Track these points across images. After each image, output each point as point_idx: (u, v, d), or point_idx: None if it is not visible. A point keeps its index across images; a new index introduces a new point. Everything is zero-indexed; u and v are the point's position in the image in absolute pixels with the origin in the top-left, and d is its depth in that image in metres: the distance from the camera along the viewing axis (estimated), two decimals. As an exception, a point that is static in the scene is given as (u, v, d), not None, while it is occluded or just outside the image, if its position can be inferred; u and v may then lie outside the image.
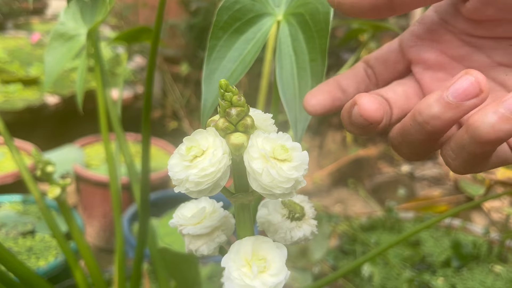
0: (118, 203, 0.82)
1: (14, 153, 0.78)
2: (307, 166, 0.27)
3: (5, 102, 1.66)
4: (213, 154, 0.25)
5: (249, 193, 0.29)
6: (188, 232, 0.31)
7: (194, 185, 0.25)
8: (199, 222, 0.31)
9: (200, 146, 0.26)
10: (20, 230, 1.16)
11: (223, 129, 0.26)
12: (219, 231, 0.32)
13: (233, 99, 0.26)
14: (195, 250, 0.32)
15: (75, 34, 0.66)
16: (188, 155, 0.26)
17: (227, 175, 0.26)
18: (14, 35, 2.51)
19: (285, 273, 0.28)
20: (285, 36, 0.42)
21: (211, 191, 0.26)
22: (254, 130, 0.27)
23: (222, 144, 0.26)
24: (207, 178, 0.25)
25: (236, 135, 0.26)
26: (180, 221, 0.32)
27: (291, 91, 0.39)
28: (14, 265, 0.55)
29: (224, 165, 0.26)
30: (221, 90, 0.26)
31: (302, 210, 0.33)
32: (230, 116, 0.26)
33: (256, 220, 0.33)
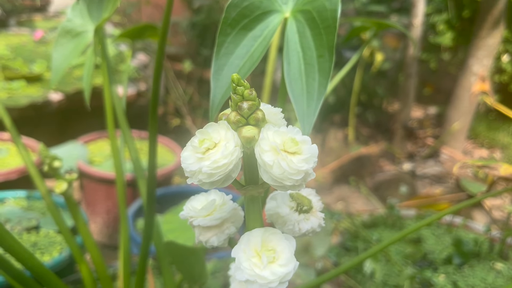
0: (124, 197, 0.83)
1: (21, 149, 0.79)
2: (317, 159, 0.27)
3: (8, 99, 1.67)
4: (225, 147, 0.26)
5: (259, 185, 0.30)
6: (198, 223, 0.32)
7: (206, 177, 0.26)
8: (209, 214, 0.32)
9: (212, 139, 0.27)
10: (25, 225, 1.16)
11: (235, 123, 0.27)
12: (229, 223, 0.32)
13: (245, 93, 0.27)
14: (205, 241, 0.32)
15: (82, 30, 0.67)
16: (201, 148, 0.26)
17: (239, 167, 0.27)
18: (17, 32, 2.52)
19: (294, 264, 0.29)
20: (293, 33, 0.42)
21: (223, 182, 0.27)
22: (265, 124, 0.28)
23: (234, 137, 0.27)
24: (220, 170, 0.26)
25: (247, 128, 0.27)
26: (190, 213, 0.32)
27: (298, 87, 0.40)
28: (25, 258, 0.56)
29: (236, 157, 0.26)
30: (233, 84, 0.27)
31: (310, 203, 0.33)
32: (242, 110, 0.27)
33: (265, 213, 0.33)
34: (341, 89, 2.36)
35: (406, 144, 2.14)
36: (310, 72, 0.40)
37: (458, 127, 1.99)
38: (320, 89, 0.39)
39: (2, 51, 2.11)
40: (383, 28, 0.85)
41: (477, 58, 1.92)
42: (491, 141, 2.35)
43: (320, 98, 0.39)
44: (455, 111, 2.01)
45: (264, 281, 0.28)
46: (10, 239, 0.53)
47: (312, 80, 0.40)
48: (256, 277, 0.28)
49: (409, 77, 1.98)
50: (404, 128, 2.06)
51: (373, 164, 2.01)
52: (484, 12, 1.87)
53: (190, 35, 2.47)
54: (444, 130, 2.07)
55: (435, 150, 2.06)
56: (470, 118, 2.01)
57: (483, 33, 1.88)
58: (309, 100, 0.39)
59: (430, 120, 2.51)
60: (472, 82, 1.91)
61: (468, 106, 1.96)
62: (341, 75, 0.80)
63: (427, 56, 2.73)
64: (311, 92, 0.39)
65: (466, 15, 2.37)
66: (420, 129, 2.36)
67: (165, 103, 2.24)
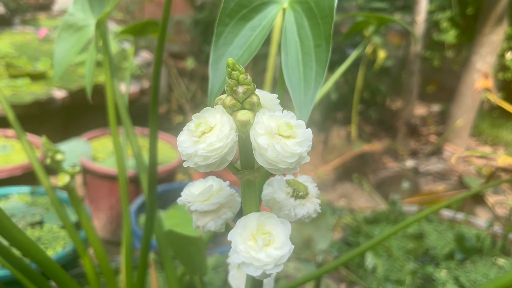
0: (126, 193, 0.83)
1: (26, 145, 0.79)
2: (311, 142, 0.28)
3: (13, 96, 1.68)
4: (220, 130, 0.27)
5: (255, 170, 0.30)
6: (195, 208, 0.32)
7: (202, 159, 0.27)
8: (207, 199, 0.32)
9: (208, 123, 0.27)
10: (29, 220, 1.17)
11: (230, 107, 0.27)
12: (226, 208, 0.33)
13: (240, 78, 0.27)
14: (203, 226, 0.33)
15: (84, 25, 0.67)
16: (197, 131, 0.27)
17: (234, 150, 0.28)
18: (21, 30, 2.53)
19: (289, 247, 0.29)
20: (291, 23, 0.43)
21: (218, 165, 0.27)
22: (260, 108, 0.28)
23: (229, 120, 0.27)
24: (215, 153, 0.27)
25: (242, 112, 0.27)
26: (188, 198, 0.33)
27: (296, 76, 0.40)
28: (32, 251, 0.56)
29: (231, 140, 0.27)
30: (228, 69, 0.27)
31: (306, 189, 0.34)
32: (237, 94, 0.27)
33: (262, 198, 0.34)
34: (344, 87, 2.36)
35: (409, 142, 2.13)
36: (308, 61, 0.41)
37: (461, 124, 1.99)
38: (317, 78, 0.40)
39: (7, 49, 2.12)
40: (384, 23, 0.85)
41: (480, 55, 1.91)
42: (494, 139, 2.34)
43: (317, 87, 0.39)
44: (458, 108, 2.01)
45: (260, 263, 0.29)
46: (17, 233, 0.53)
47: (309, 69, 0.40)
48: (251, 259, 0.29)
49: (412, 74, 1.98)
50: (407, 125, 2.06)
51: (376, 161, 2.01)
52: (487, 9, 1.87)
53: (193, 33, 2.47)
54: (447, 127, 2.07)
55: (438, 147, 2.05)
56: (473, 115, 2.01)
57: (486, 30, 1.88)
58: (306, 89, 0.39)
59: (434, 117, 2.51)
60: (475, 79, 1.91)
61: (471, 103, 1.96)
62: (341, 70, 0.80)
63: (430, 54, 2.72)
64: (308, 81, 0.40)
65: (469, 13, 2.37)
66: (423, 127, 2.36)
67: (168, 101, 2.25)
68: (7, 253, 0.56)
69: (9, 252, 0.57)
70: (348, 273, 1.10)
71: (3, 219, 0.50)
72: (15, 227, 0.53)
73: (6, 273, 0.98)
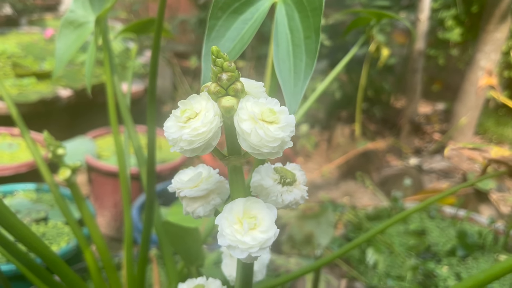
0: (127, 189, 0.85)
1: (29, 143, 0.81)
2: (294, 128, 0.29)
3: (19, 95, 1.70)
4: (205, 116, 0.27)
5: (241, 155, 0.31)
6: (185, 194, 0.33)
7: (187, 144, 0.27)
8: (196, 185, 0.33)
9: (193, 109, 0.28)
10: (34, 217, 1.19)
11: (215, 93, 0.28)
12: (215, 194, 0.34)
13: (224, 65, 0.28)
14: (192, 212, 0.34)
15: (85, 21, 0.68)
16: (182, 117, 0.28)
17: (218, 135, 0.28)
18: (28, 31, 2.56)
19: (274, 230, 0.30)
20: (282, 16, 0.44)
21: (203, 150, 0.28)
22: (245, 95, 0.29)
23: (214, 106, 0.28)
24: (199, 137, 0.27)
25: (226, 98, 0.28)
26: (177, 184, 0.34)
27: (286, 67, 0.41)
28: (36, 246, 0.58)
29: (215, 125, 0.28)
30: (212, 56, 0.28)
31: (293, 176, 0.35)
32: (221, 81, 0.28)
33: (250, 185, 0.35)
34: (348, 85, 2.36)
35: (413, 140, 2.13)
36: (298, 53, 0.41)
37: (466, 122, 1.98)
38: (306, 69, 0.40)
39: (14, 49, 2.15)
40: (382, 19, 0.85)
41: (484, 52, 1.91)
42: (499, 137, 2.33)
43: (306, 78, 0.40)
44: (462, 106, 2.01)
45: (245, 246, 0.29)
46: (23, 229, 0.55)
47: (299, 61, 0.41)
48: (237, 242, 0.29)
49: (415, 72, 1.98)
50: (411, 123, 2.06)
51: (380, 159, 2.01)
52: (491, 6, 1.86)
53: (198, 32, 2.49)
54: (452, 125, 2.06)
55: (442, 146, 2.05)
56: (477, 113, 2.00)
57: (490, 27, 1.87)
58: (296, 80, 0.40)
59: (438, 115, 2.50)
60: (479, 77, 1.90)
61: (475, 101, 1.96)
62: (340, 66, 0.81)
63: (435, 52, 2.72)
64: (298, 73, 0.40)
65: (474, 10, 2.36)
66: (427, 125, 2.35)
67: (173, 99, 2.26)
68: (13, 248, 0.58)
69: (15, 247, 0.58)
70: (349, 269, 1.10)
71: (9, 215, 0.52)
72: (21, 223, 0.54)
73: (11, 268, 1.00)
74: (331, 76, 0.81)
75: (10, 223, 0.52)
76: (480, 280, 0.45)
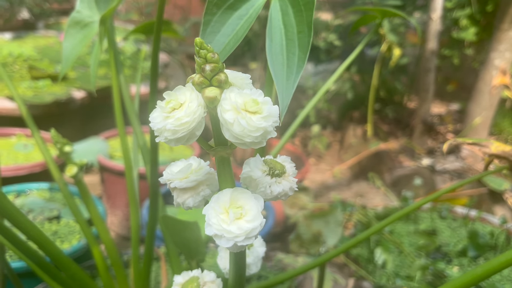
0: (133, 187, 0.86)
1: (39, 142, 0.83)
2: (277, 118, 0.29)
3: (34, 97, 1.74)
4: (188, 106, 0.28)
5: (227, 146, 0.32)
6: (175, 185, 0.34)
7: (171, 134, 0.28)
8: (186, 177, 0.34)
9: (178, 100, 0.29)
10: (47, 215, 1.21)
11: (199, 84, 0.29)
12: (204, 186, 0.34)
13: (208, 56, 0.29)
14: (182, 202, 0.34)
15: (90, 21, 0.70)
16: (167, 107, 0.28)
17: (202, 125, 0.29)
18: (44, 34, 2.61)
19: (260, 220, 0.31)
20: (276, 11, 0.44)
21: (187, 140, 0.29)
22: (229, 86, 0.30)
23: (198, 97, 0.29)
24: (183, 127, 0.28)
25: (210, 89, 0.29)
26: (168, 176, 0.34)
27: (279, 61, 0.41)
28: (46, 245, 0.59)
29: (199, 116, 0.28)
30: (196, 47, 0.29)
31: (282, 168, 0.35)
32: (205, 72, 0.29)
33: (240, 178, 0.35)
34: (361, 86, 2.35)
35: (426, 140, 2.11)
36: (291, 47, 0.42)
37: (480, 122, 1.96)
38: (299, 63, 0.41)
39: (30, 52, 2.19)
40: (387, 16, 0.85)
41: (499, 51, 1.88)
42: (516, 137, 2.29)
43: (299, 71, 0.40)
44: (476, 105, 1.98)
45: (231, 235, 0.30)
46: (33, 228, 0.56)
47: (292, 54, 0.41)
48: (223, 231, 0.30)
49: (428, 71, 1.96)
50: (424, 123, 2.04)
51: (392, 159, 1.99)
52: (505, 4, 1.84)
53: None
54: (466, 125, 2.04)
55: (456, 146, 2.02)
56: (492, 113, 1.97)
57: (504, 25, 1.84)
58: (288, 73, 0.40)
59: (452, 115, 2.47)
60: (493, 76, 1.88)
61: (489, 100, 1.93)
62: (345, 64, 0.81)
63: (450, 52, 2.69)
64: (291, 66, 0.41)
65: (490, 9, 2.33)
66: (441, 125, 2.33)
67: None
68: (24, 247, 0.59)
69: (26, 246, 0.60)
70: (358, 268, 1.10)
71: (19, 215, 0.53)
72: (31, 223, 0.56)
73: (22, 265, 1.02)
74: (336, 75, 0.81)
75: (20, 222, 0.54)
76: (478, 275, 0.44)
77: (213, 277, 0.41)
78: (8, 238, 0.56)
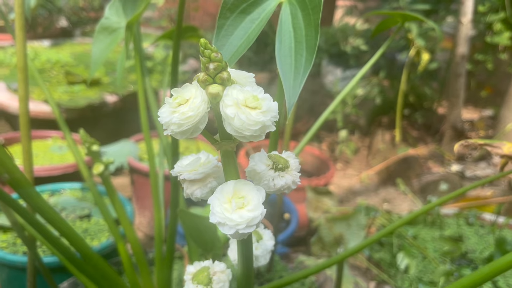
0: (157, 188, 0.89)
1: (71, 144, 0.87)
2: (275, 113, 0.31)
3: (70, 101, 1.81)
4: (192, 102, 0.30)
5: (231, 140, 0.34)
6: (184, 177, 0.36)
7: (177, 127, 0.30)
8: (194, 169, 0.36)
9: (184, 96, 0.31)
10: (78, 214, 1.26)
11: (203, 81, 0.31)
12: (211, 178, 0.37)
13: (212, 56, 0.31)
14: (191, 193, 0.37)
15: (118, 27, 0.74)
16: (174, 103, 0.31)
17: (206, 120, 0.31)
18: (81, 41, 2.72)
19: (260, 210, 0.33)
20: (287, 15, 0.46)
21: (192, 133, 0.31)
22: (231, 84, 0.32)
23: (202, 94, 0.31)
24: (187, 121, 0.30)
25: (213, 86, 0.31)
26: (178, 168, 0.37)
27: (288, 62, 0.43)
28: (77, 241, 0.63)
29: (202, 110, 0.31)
30: (201, 48, 0.31)
31: (286, 163, 0.37)
32: (209, 70, 0.31)
33: (246, 171, 0.37)
34: (390, 91, 2.33)
35: (457, 146, 2.07)
36: (299, 49, 0.44)
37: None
38: (306, 64, 0.42)
39: (67, 58, 2.28)
40: (408, 20, 0.85)
41: (533, 55, 1.83)
42: (552, 144, 2.22)
43: (305, 72, 0.42)
44: (509, 111, 1.93)
45: (233, 223, 0.32)
46: (65, 226, 0.60)
47: (300, 56, 0.43)
48: (226, 219, 0.32)
49: (458, 76, 1.93)
50: (454, 129, 2.00)
51: (421, 165, 1.96)
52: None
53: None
54: (498, 131, 1.99)
55: (488, 152, 1.98)
56: (526, 119, 1.93)
57: (538, 29, 1.80)
58: (296, 74, 0.42)
59: (485, 121, 2.42)
60: (527, 81, 1.83)
61: (522, 106, 1.88)
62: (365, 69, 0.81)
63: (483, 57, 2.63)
64: (298, 67, 0.43)
65: (525, 13, 2.27)
66: (472, 131, 2.28)
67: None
68: (57, 242, 0.63)
69: (59, 242, 0.64)
70: (379, 272, 1.10)
71: (53, 213, 0.57)
72: (63, 221, 0.60)
73: (53, 260, 1.07)
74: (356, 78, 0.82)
75: (55, 220, 0.58)
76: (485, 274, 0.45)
77: (223, 267, 0.43)
78: (43, 234, 0.60)
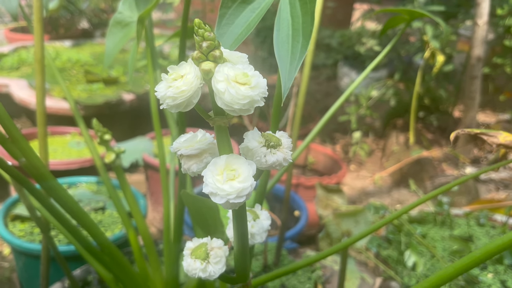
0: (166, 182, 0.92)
1: (87, 139, 0.90)
2: (264, 89, 0.33)
3: (88, 98, 1.86)
4: (186, 77, 0.33)
5: (225, 116, 0.36)
6: (181, 153, 0.38)
7: (171, 100, 0.33)
8: (191, 145, 0.38)
9: (179, 72, 0.33)
10: (93, 206, 1.30)
11: (197, 59, 0.33)
12: (207, 154, 0.39)
13: (205, 35, 0.33)
14: (188, 168, 0.39)
15: (131, 21, 0.77)
16: (169, 78, 0.33)
17: (199, 94, 0.33)
18: (100, 42, 2.78)
19: (250, 182, 0.35)
20: (285, 4, 0.48)
21: (185, 106, 0.33)
22: (224, 62, 0.34)
23: (195, 70, 0.33)
24: (181, 95, 0.33)
25: (205, 63, 0.33)
26: (176, 145, 0.39)
27: (285, 49, 0.45)
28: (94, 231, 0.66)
29: (195, 85, 0.33)
30: (195, 27, 0.33)
31: (278, 141, 0.39)
32: (202, 48, 0.33)
33: (239, 149, 0.39)
34: (405, 93, 2.33)
35: (472, 149, 2.06)
36: (296, 36, 0.46)
37: (529, 131, 1.89)
38: (302, 49, 0.44)
39: (87, 58, 2.34)
40: (415, 18, 0.86)
41: (550, 58, 1.81)
42: None
43: (301, 57, 0.44)
44: (526, 114, 1.91)
45: (224, 193, 0.34)
46: (84, 216, 0.63)
47: (296, 42, 0.45)
48: (217, 189, 0.34)
49: (473, 79, 1.92)
50: (469, 131, 1.98)
51: (435, 167, 1.95)
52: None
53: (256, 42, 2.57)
54: (514, 134, 1.97)
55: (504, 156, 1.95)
56: (543, 122, 1.90)
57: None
58: (292, 59, 0.44)
59: (501, 125, 2.39)
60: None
61: (539, 109, 1.86)
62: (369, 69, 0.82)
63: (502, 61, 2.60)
64: (295, 53, 0.45)
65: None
66: (488, 134, 2.25)
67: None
68: (76, 232, 0.67)
69: (77, 231, 0.67)
70: (386, 268, 1.10)
71: (73, 204, 0.60)
72: (82, 211, 0.63)
73: (68, 249, 1.10)
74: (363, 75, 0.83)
75: (73, 210, 0.61)
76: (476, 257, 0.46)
77: (220, 244, 0.45)
78: (62, 223, 0.63)
